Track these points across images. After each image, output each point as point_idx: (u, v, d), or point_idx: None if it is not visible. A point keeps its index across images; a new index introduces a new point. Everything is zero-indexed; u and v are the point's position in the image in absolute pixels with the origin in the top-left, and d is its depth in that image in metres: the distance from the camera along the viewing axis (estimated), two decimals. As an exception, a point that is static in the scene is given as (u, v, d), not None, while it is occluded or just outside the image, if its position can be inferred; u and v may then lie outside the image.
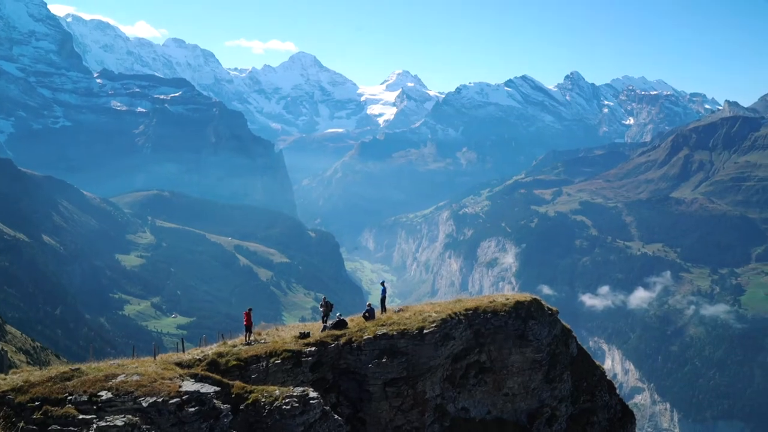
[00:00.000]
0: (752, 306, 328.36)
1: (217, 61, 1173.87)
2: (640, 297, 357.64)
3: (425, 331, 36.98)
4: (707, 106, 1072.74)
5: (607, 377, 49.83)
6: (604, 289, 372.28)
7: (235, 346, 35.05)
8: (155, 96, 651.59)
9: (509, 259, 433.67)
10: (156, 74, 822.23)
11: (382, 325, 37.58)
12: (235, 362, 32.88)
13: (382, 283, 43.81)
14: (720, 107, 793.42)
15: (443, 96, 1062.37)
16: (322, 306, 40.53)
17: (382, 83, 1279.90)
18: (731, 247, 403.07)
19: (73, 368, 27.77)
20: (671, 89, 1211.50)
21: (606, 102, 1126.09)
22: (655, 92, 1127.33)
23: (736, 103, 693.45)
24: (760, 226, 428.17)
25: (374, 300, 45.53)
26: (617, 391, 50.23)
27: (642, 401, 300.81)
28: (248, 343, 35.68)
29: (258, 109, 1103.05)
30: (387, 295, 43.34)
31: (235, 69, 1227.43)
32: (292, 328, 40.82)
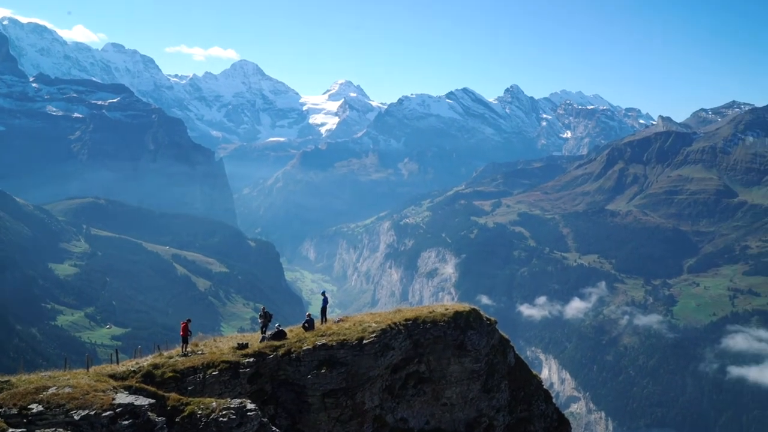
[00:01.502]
0: (684, 316, 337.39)
1: (157, 67, 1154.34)
2: (576, 307, 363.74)
3: (365, 342, 36.97)
4: (642, 121, 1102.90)
5: (544, 386, 50.47)
6: (542, 299, 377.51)
7: (171, 357, 34.43)
8: (92, 101, 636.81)
9: (449, 270, 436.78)
10: (94, 79, 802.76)
11: (322, 336, 37.42)
12: (171, 374, 32.29)
13: (323, 293, 43.68)
14: (654, 122, 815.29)
15: (385, 107, 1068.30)
16: (261, 316, 40.16)
17: (324, 93, 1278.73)
18: (664, 259, 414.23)
19: (2, 380, 26.91)
20: (607, 104, 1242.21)
21: (544, 115, 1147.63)
22: (592, 107, 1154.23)
23: (669, 119, 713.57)
24: (691, 239, 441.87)
25: (314, 310, 45.33)
26: (554, 400, 50.90)
27: (578, 410, 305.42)
28: (185, 354, 35.10)
29: (198, 116, 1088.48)
30: (328, 305, 43.22)
31: (176, 75, 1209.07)
32: (230, 338, 40.30)
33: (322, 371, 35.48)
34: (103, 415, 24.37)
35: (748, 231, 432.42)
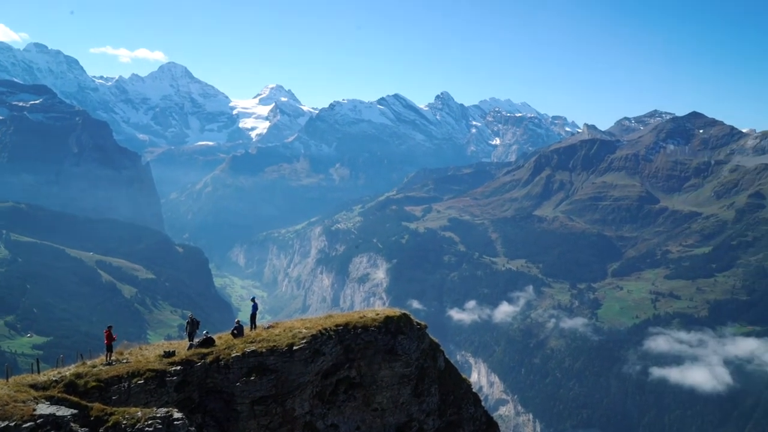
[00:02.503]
0: (608, 319, 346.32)
1: (81, 69, 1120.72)
2: (504, 311, 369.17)
3: (295, 348, 36.73)
4: (568, 129, 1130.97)
5: (473, 390, 51.02)
6: (471, 303, 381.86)
7: (95, 366, 33.52)
8: (13, 103, 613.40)
9: (380, 275, 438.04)
10: (15, 80, 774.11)
11: (251, 342, 37.03)
12: (94, 383, 31.43)
13: (253, 300, 43.24)
14: (579, 130, 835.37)
15: (317, 112, 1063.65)
16: (188, 324, 39.45)
17: (255, 97, 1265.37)
18: (589, 263, 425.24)
19: None
20: (535, 112, 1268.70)
21: (474, 122, 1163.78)
22: (520, 114, 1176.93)
23: (594, 127, 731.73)
24: (615, 243, 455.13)
25: (244, 317, 44.84)
26: (483, 404, 51.50)
27: (506, 413, 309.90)
28: (109, 363, 34.21)
29: (124, 119, 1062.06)
30: (257, 311, 42.80)
31: (101, 77, 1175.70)
32: (156, 346, 39.46)
33: (252, 378, 35.09)
34: (24, 426, 23.56)
35: (669, 236, 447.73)
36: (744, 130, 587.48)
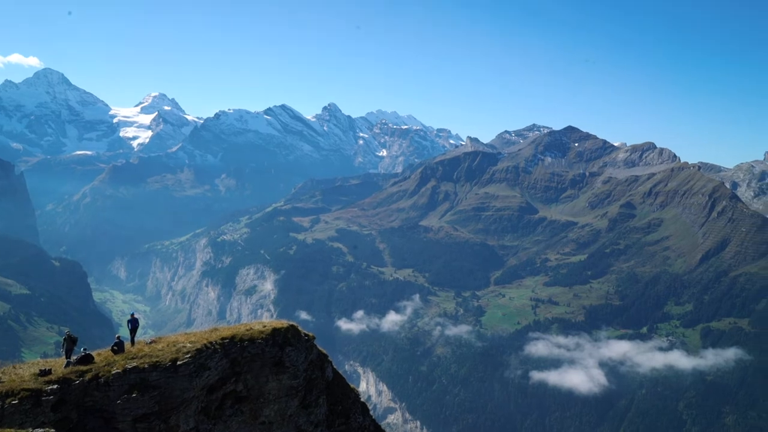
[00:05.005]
0: (491, 326, 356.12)
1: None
2: (392, 320, 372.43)
3: (179, 363, 36.06)
4: (452, 141, 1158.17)
5: (362, 399, 51.47)
6: (359, 313, 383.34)
7: (-36, 388, 31.91)
8: None
9: (268, 286, 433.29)
10: None
11: (133, 359, 36.09)
12: (-37, 406, 29.95)
13: (132, 315, 42.22)
14: (463, 142, 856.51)
15: (202, 121, 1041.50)
16: (65, 340, 38.05)
17: (137, 105, 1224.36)
18: (473, 272, 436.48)
19: None
20: (420, 124, 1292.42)
21: (361, 134, 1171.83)
22: (406, 127, 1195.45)
23: (477, 139, 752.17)
24: (497, 252, 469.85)
25: (125, 332, 43.65)
26: (371, 412, 52.07)
27: (394, 420, 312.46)
28: (-20, 384, 32.65)
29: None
30: (139, 326, 41.76)
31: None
32: (32, 365, 37.80)
33: (133, 395, 34.21)
34: None
35: (548, 245, 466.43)
36: (616, 144, 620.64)
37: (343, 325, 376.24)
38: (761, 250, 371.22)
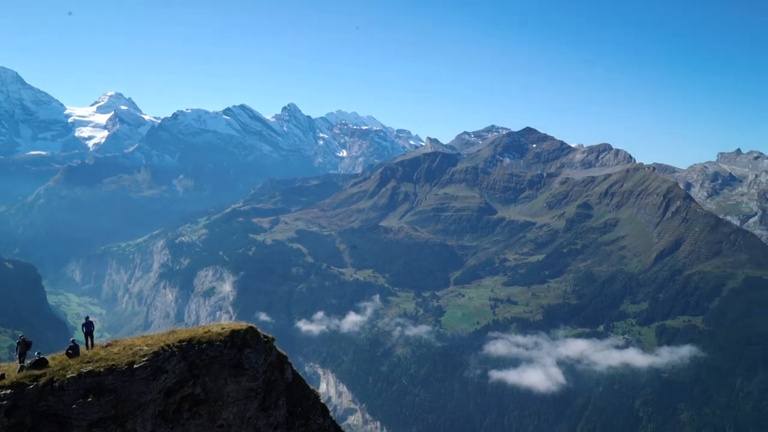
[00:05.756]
0: (450, 326, 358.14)
1: None
2: (352, 321, 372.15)
3: (135, 366, 35.66)
4: (412, 142, 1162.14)
5: (322, 400, 51.37)
6: (320, 314, 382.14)
7: None
8: None
9: (227, 288, 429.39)
10: None
11: (88, 362, 35.57)
12: None
13: (87, 318, 41.61)
14: (423, 143, 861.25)
15: (159, 121, 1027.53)
16: (18, 344, 37.36)
17: (93, 105, 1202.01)
18: (433, 272, 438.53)
19: None
20: (380, 125, 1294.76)
21: (321, 134, 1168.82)
22: (366, 127, 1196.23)
23: (436, 140, 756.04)
24: (457, 253, 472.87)
25: (80, 335, 42.98)
26: (331, 413, 52.00)
27: (355, 421, 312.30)
28: (-71, 391, 31.89)
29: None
30: (95, 329, 41.18)
31: None
32: (-17, 370, 37.10)
33: (89, 400, 33.74)
34: None
35: (507, 245, 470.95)
36: (573, 145, 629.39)
37: (303, 326, 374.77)
38: (714, 249, 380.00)
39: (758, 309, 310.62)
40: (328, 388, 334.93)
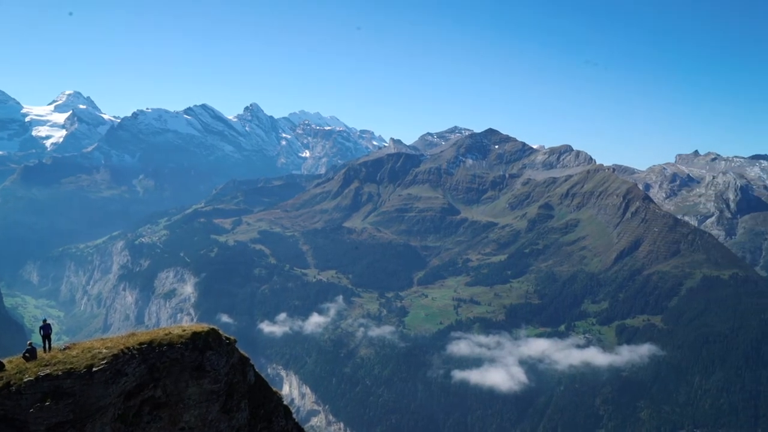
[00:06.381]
0: (414, 326, 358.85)
1: None
2: (315, 322, 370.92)
3: (94, 369, 35.02)
4: (375, 143, 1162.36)
5: (285, 402, 51.08)
6: (282, 315, 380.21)
7: None
8: None
9: (188, 290, 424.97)
10: None
11: (46, 365, 34.84)
12: None
13: (45, 321, 40.82)
14: (386, 144, 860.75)
15: (119, 120, 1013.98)
16: (-27, 348, 36.46)
17: (50, 104, 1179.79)
18: (396, 273, 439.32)
19: None
20: (344, 125, 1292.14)
21: (284, 135, 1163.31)
22: (329, 127, 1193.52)
23: (400, 141, 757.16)
24: (420, 253, 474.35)
25: (37, 338, 42.11)
26: (294, 415, 51.70)
27: (318, 423, 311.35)
28: None
29: None
30: (53, 332, 40.41)
31: None
32: (-64, 374, 36.09)
33: (47, 404, 33.04)
34: None
35: (469, 245, 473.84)
36: (534, 146, 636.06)
37: (266, 327, 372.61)
38: (672, 249, 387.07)
39: (715, 308, 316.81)
40: (291, 389, 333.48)
